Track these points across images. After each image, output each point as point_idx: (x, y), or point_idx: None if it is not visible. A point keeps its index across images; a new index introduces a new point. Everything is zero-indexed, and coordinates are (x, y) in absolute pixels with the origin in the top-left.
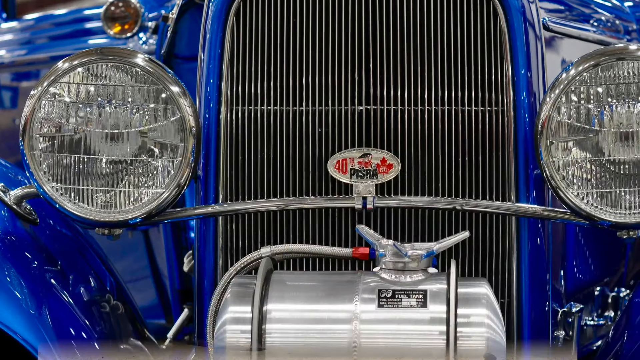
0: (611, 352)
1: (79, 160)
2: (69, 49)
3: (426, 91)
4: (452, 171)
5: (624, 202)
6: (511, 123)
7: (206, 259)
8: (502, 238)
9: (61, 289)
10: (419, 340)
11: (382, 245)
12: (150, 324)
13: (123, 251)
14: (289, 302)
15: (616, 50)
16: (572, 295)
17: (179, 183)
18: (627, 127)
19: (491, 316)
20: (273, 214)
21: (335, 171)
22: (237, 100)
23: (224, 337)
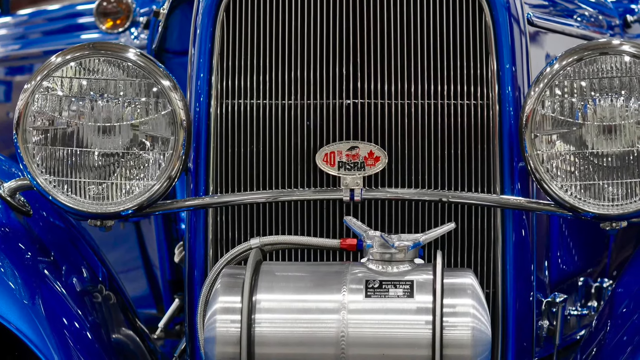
0: (594, 342)
1: (71, 153)
2: (61, 43)
3: (413, 85)
4: (438, 164)
5: (607, 194)
6: (496, 116)
7: (196, 250)
8: (487, 229)
9: (54, 280)
10: (405, 330)
11: (369, 237)
12: (142, 313)
13: (115, 242)
14: (278, 292)
15: (599, 45)
16: (556, 285)
17: (170, 175)
18: (610, 120)
19: (476, 306)
20: (262, 205)
21: (324, 164)
22: (227, 94)
23: (214, 327)
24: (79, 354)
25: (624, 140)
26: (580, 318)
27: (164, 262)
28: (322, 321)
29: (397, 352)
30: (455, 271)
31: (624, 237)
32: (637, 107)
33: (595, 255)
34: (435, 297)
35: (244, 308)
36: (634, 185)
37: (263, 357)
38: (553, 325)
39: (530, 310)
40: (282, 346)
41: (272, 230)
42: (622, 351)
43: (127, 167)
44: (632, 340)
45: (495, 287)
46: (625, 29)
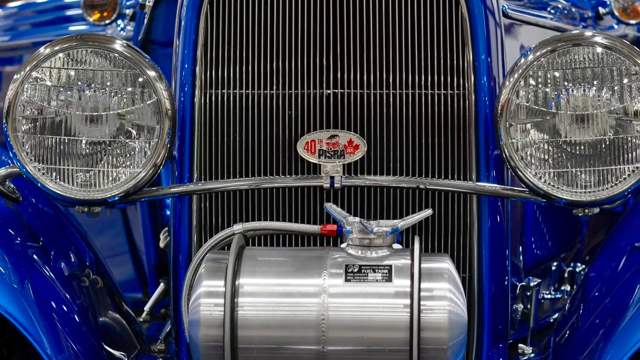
0: (567, 324)
1: (60, 141)
2: (50, 35)
3: (391, 75)
4: (416, 152)
5: (579, 182)
6: (472, 106)
7: (181, 235)
8: (463, 216)
9: (43, 264)
10: (384, 313)
11: (349, 223)
12: (128, 297)
13: (102, 228)
14: (260, 276)
15: (572, 37)
16: (530, 270)
17: (155, 163)
18: (583, 109)
19: (453, 290)
20: (245, 192)
21: (305, 152)
22: (210, 84)
23: (198, 310)
24: (67, 336)
25: (596, 129)
26: (553, 301)
27: (149, 247)
28: (303, 304)
29: (375, 334)
30: (433, 256)
31: (596, 223)
32: (608, 96)
33: (569, 240)
34: (413, 281)
35: (227, 292)
36: (606, 172)
37: (246, 339)
38: (527, 309)
39: (505, 294)
40: (265, 329)
41: (254, 217)
42: (594, 334)
43: (114, 155)
44: (604, 323)
45: (471, 272)
46: (597, 21)
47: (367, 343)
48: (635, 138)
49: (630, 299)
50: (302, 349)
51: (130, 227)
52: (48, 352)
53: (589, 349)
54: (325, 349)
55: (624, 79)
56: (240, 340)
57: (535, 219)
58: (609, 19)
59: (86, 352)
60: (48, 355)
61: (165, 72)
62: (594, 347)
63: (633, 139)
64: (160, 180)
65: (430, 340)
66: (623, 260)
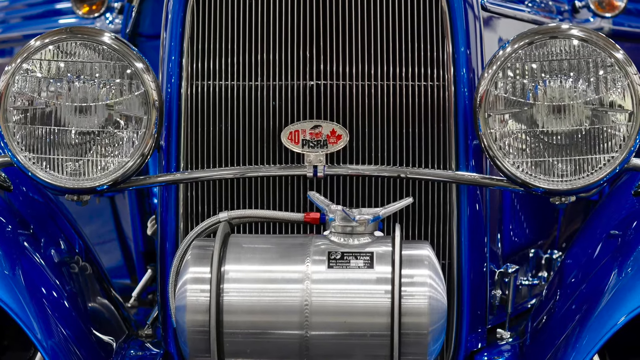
0: (544, 310)
1: (50, 131)
2: (40, 28)
3: (373, 67)
4: (397, 141)
5: (556, 171)
6: (452, 97)
7: (168, 223)
8: (443, 204)
9: (33, 251)
10: (365, 299)
11: (331, 211)
12: (116, 283)
13: (91, 216)
14: (245, 263)
15: (549, 29)
16: (508, 257)
17: (143, 153)
18: (560, 100)
19: (433, 276)
20: (230, 181)
21: (288, 142)
22: (197, 75)
23: (185, 296)
24: (57, 321)
25: (573, 120)
26: (531, 287)
27: (137, 234)
28: (287, 290)
29: (357, 319)
30: (413, 243)
31: (573, 211)
32: (584, 88)
33: (546, 228)
34: (394, 267)
35: (213, 278)
36: (582, 162)
37: (231, 324)
38: (505, 295)
39: (483, 280)
40: (249, 314)
41: (239, 205)
42: (571, 319)
43: (103, 145)
44: (580, 309)
45: (451, 259)
46: (573, 14)
47: (349, 328)
48: (611, 128)
49: (605, 285)
50: (286, 333)
51: (119, 215)
52: (38, 336)
53: (566, 333)
54: (308, 334)
55: (599, 70)
56: (225, 325)
57: (513, 207)
58: (585, 12)
59: (75, 336)
60: (38, 339)
61: (152, 64)
62: (570, 332)
63: (608, 129)
64: (147, 170)
65: (411, 325)
66: (599, 247)
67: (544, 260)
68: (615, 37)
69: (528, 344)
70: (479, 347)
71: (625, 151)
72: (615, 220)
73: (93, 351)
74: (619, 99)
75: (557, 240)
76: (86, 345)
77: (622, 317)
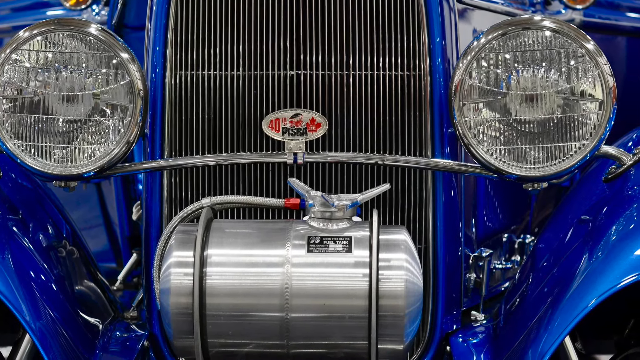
0: (517, 293)
1: (38, 119)
2: (29, 19)
3: (351, 57)
4: (375, 129)
5: (529, 158)
6: (427, 86)
7: (153, 208)
8: (419, 190)
9: (22, 236)
10: (344, 282)
11: (311, 197)
12: (103, 267)
13: (78, 202)
14: (227, 247)
15: (522, 21)
16: (483, 241)
17: (128, 140)
18: (532, 90)
19: (409, 260)
20: (213, 168)
21: (269, 130)
22: (180, 65)
23: (169, 279)
24: (45, 304)
25: (545, 108)
26: (504, 271)
27: (122, 219)
28: (267, 274)
29: (336, 302)
30: (390, 228)
31: (545, 197)
32: (556, 77)
33: (519, 213)
34: (372, 251)
35: (196, 262)
36: (554, 149)
37: (214, 306)
38: (480, 278)
39: (458, 264)
40: (231, 297)
41: (222, 191)
42: (543, 301)
43: (89, 133)
44: (552, 292)
45: (427, 243)
46: (545, 5)
47: (328, 310)
48: (582, 117)
49: (576, 268)
50: (267, 315)
51: (105, 201)
52: (27, 318)
53: (538, 315)
54: (288, 316)
55: (570, 60)
56: (208, 308)
57: (487, 193)
58: (556, 4)
59: (63, 318)
60: (27, 321)
61: (137, 54)
62: (542, 314)
63: (579, 117)
64: (133, 157)
65: (388, 308)
66: (570, 232)
67: (517, 244)
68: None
69: (501, 325)
70: (454, 328)
71: (595, 139)
72: (586, 206)
73: (80, 332)
74: (590, 88)
75: (529, 225)
76: (73, 326)
77: (592, 300)
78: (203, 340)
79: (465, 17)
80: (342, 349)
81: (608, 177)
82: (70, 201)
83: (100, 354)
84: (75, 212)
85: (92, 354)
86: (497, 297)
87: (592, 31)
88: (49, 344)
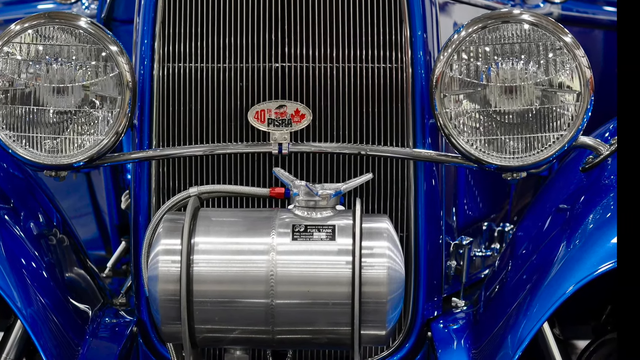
0: (497, 280)
1: (29, 111)
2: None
3: (335, 50)
4: (358, 120)
5: (508, 148)
6: (409, 78)
7: (141, 197)
8: (401, 179)
9: (13, 224)
10: (328, 269)
11: (295, 186)
12: (92, 255)
13: (68, 191)
14: (214, 235)
15: (502, 14)
16: (463, 229)
17: (117, 131)
18: (511, 82)
19: (391, 248)
20: (200, 158)
21: (255, 121)
22: (168, 58)
23: (157, 267)
24: (36, 291)
25: (524, 100)
26: (484, 259)
27: (112, 208)
28: (253, 261)
29: (320, 289)
30: (373, 217)
31: (524, 186)
32: (535, 70)
33: (498, 202)
34: (355, 239)
35: (184, 250)
36: (533, 139)
37: (201, 293)
38: (460, 265)
39: (439, 251)
40: (218, 284)
41: (208, 180)
42: (522, 288)
43: (79, 124)
44: (530, 279)
45: (409, 231)
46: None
47: (312, 297)
48: (560, 108)
49: (555, 256)
50: (253, 302)
51: (94, 190)
52: (18, 305)
53: (517, 302)
54: (273, 302)
55: (549, 53)
56: (195, 294)
57: (468, 182)
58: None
59: (54, 305)
60: (18, 308)
61: (126, 47)
62: (521, 300)
63: (557, 108)
64: (121, 147)
65: (371, 295)
66: (548, 220)
67: (496, 232)
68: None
69: (481, 311)
70: (435, 315)
71: (573, 129)
72: (564, 195)
73: (70, 319)
74: (568, 80)
75: (509, 214)
76: (63, 313)
77: (570, 287)
78: (190, 326)
79: (446, 11)
80: (325, 335)
81: (585, 166)
82: (61, 190)
83: (89, 340)
84: (66, 201)
85: (81, 339)
86: (477, 284)
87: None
88: (40, 330)
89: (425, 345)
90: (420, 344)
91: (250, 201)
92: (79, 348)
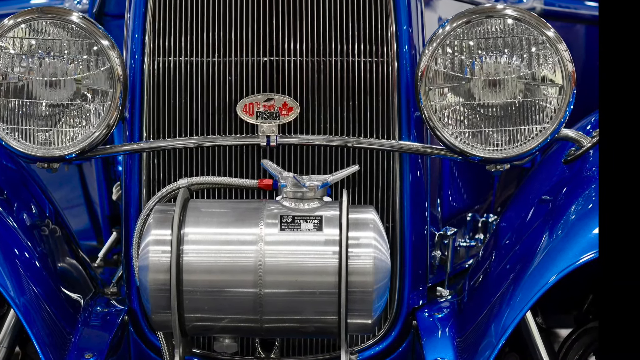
0: (481, 269)
1: (22, 104)
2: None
3: (322, 44)
4: (345, 113)
5: (492, 140)
6: (395, 72)
7: (132, 189)
8: (387, 171)
9: (7, 215)
10: (315, 259)
11: (283, 177)
12: (84, 245)
13: (60, 182)
14: (203, 226)
15: (485, 9)
16: (448, 220)
17: (109, 124)
18: (495, 75)
19: (377, 238)
20: (190, 150)
21: (243, 113)
22: (158, 52)
23: (147, 257)
24: (28, 280)
25: (507, 93)
26: (468, 249)
27: (103, 199)
28: (242, 251)
29: (307, 278)
30: (359, 207)
31: (507, 177)
32: (518, 63)
33: (482, 193)
34: (341, 230)
35: (174, 240)
36: (516, 132)
37: (190, 283)
38: (445, 255)
39: (424, 242)
40: (207, 273)
41: (198, 172)
42: (505, 278)
43: (71, 117)
44: (514, 268)
45: (394, 222)
46: None
47: (300, 286)
48: (542, 101)
49: (537, 246)
50: (241, 291)
51: (86, 182)
52: (11, 294)
53: (501, 291)
54: (262, 292)
55: (532, 47)
56: (185, 284)
57: (452, 174)
58: None
59: (46, 294)
60: (11, 297)
61: (117, 41)
62: (505, 290)
63: (540, 102)
64: (113, 139)
65: (357, 284)
66: (531, 211)
67: (480, 223)
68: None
69: (465, 301)
70: (420, 304)
71: (555, 122)
72: (547, 186)
73: (62, 308)
74: (550, 73)
75: (492, 205)
76: (56, 302)
77: (552, 277)
78: (180, 315)
79: (431, 6)
80: (313, 324)
81: (567, 158)
82: (53, 182)
83: (81, 328)
84: (58, 192)
85: (73, 327)
86: (461, 273)
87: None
88: (32, 319)
89: (411, 333)
90: (405, 332)
91: (239, 192)
92: (70, 336)
